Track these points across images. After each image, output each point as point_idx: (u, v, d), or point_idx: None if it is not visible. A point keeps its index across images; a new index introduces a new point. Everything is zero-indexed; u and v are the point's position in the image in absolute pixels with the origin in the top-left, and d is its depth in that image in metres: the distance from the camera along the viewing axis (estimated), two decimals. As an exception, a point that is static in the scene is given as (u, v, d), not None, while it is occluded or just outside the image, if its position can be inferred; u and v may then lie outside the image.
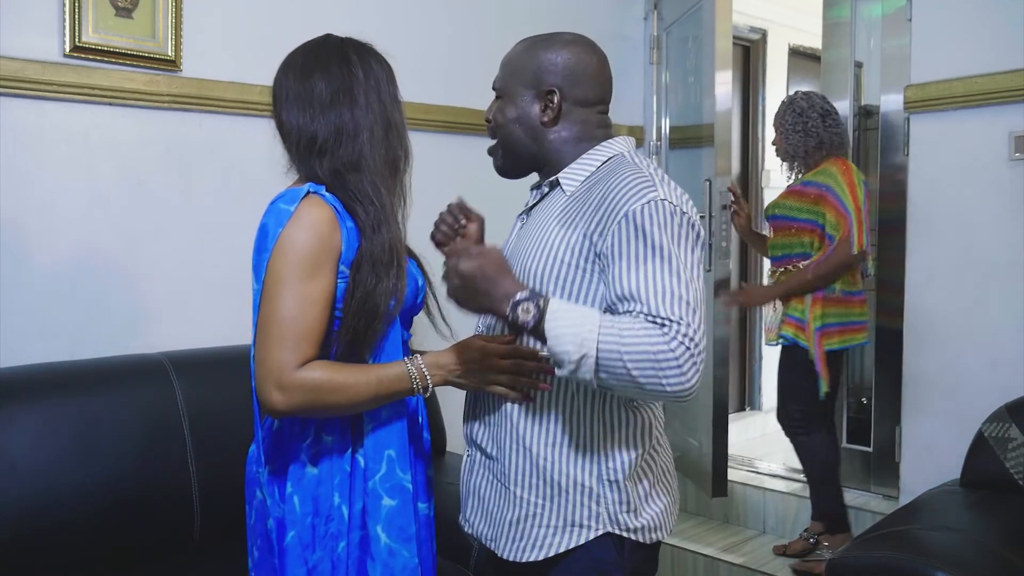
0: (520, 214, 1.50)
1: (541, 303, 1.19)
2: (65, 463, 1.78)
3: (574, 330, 1.16)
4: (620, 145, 1.41)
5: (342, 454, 1.38)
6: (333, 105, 1.38)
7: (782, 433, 3.31)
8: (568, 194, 1.36)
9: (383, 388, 1.34)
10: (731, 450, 3.74)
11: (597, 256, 1.27)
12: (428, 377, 1.35)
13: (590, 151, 1.40)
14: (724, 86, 3.30)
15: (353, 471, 1.39)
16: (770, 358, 4.59)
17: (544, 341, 1.19)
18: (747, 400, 4.63)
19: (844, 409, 3.16)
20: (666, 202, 1.24)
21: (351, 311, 1.35)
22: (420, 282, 1.51)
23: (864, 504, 2.96)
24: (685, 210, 1.27)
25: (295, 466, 1.38)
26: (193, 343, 2.19)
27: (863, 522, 2.83)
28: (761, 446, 4.12)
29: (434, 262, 1.58)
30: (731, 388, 4.55)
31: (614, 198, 1.26)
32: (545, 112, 1.39)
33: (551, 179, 1.41)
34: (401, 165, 1.44)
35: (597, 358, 1.15)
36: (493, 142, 1.47)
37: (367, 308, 1.35)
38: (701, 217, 3.13)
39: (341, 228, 1.35)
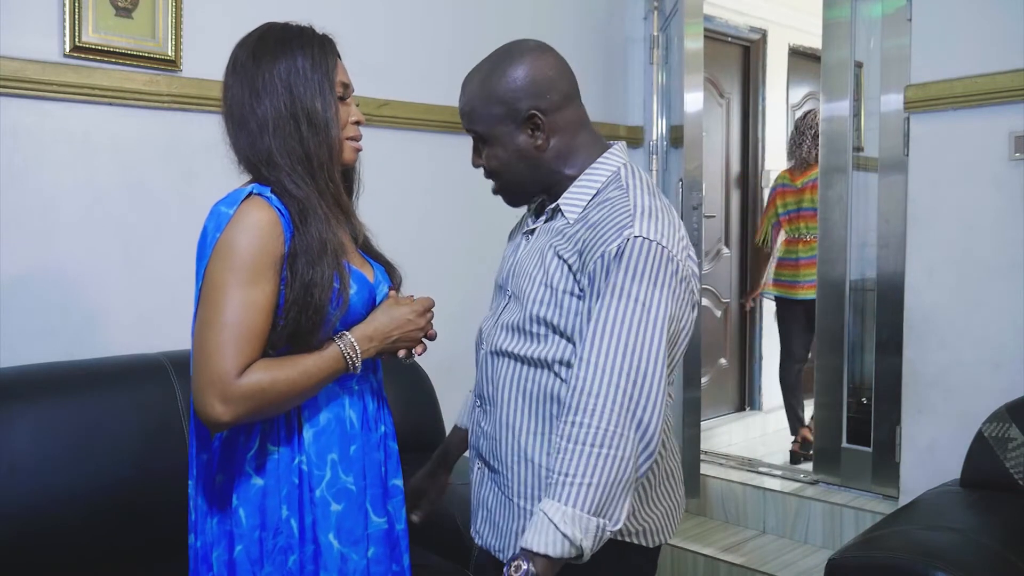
0: (524, 232, 1.46)
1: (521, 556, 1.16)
2: (65, 463, 1.78)
3: (547, 523, 1.14)
4: (617, 159, 1.37)
5: (290, 464, 1.32)
6: (240, 101, 1.33)
7: (782, 433, 3.32)
8: (569, 221, 1.33)
9: (322, 373, 1.29)
10: (731, 450, 3.75)
11: (581, 290, 1.26)
12: (359, 352, 1.32)
13: (589, 170, 1.36)
14: (693, 88, 3.34)
15: (301, 482, 1.32)
16: (770, 358, 4.60)
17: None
18: (747, 400, 4.63)
19: (844, 409, 3.16)
20: (639, 239, 1.20)
21: (290, 304, 1.27)
22: (386, 289, 1.43)
23: (864, 504, 2.96)
24: (665, 244, 1.22)
25: (240, 478, 1.32)
26: (193, 343, 2.19)
27: (863, 522, 2.83)
28: (761, 446, 4.12)
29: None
30: (731, 388, 4.55)
31: (595, 235, 1.25)
32: (535, 137, 1.34)
33: (552, 206, 1.37)
34: (316, 161, 1.32)
35: (584, 510, 1.14)
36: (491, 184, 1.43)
37: (307, 300, 1.26)
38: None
39: (284, 231, 1.28)
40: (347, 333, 1.33)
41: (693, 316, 1.30)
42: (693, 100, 3.44)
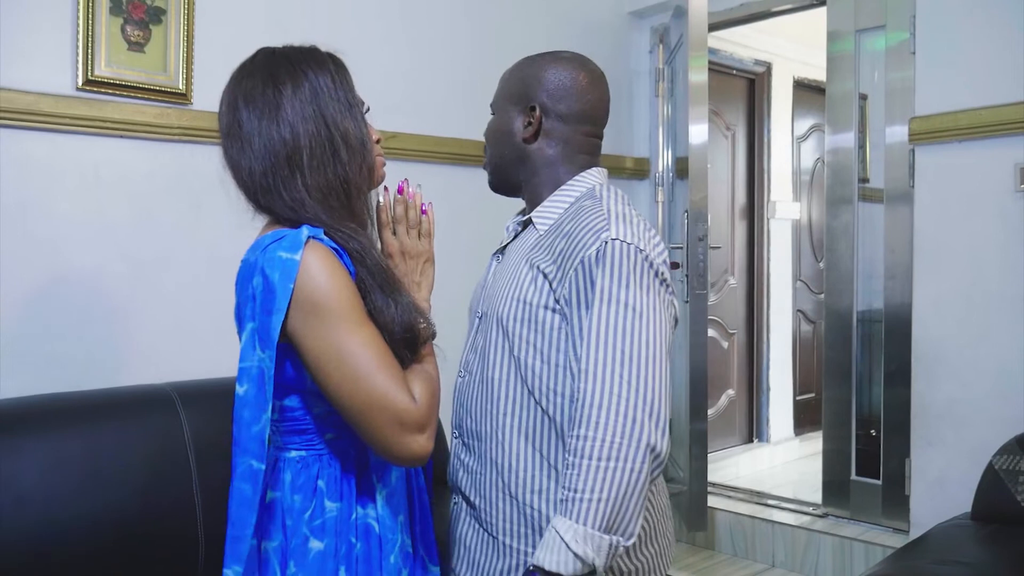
0: (495, 253, 1.46)
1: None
2: (71, 494, 1.77)
3: (558, 541, 1.12)
4: (593, 178, 1.38)
5: (347, 523, 1.24)
6: (266, 139, 1.20)
7: (790, 465, 3.28)
8: (540, 233, 1.33)
9: (432, 354, 1.28)
10: (739, 483, 3.72)
11: (557, 302, 1.25)
12: (427, 316, 1.31)
13: (565, 185, 1.36)
14: (698, 120, 3.36)
15: (368, 543, 1.24)
16: (777, 390, 4.57)
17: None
18: (755, 432, 4.60)
19: (853, 441, 3.13)
20: (617, 241, 1.20)
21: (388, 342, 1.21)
22: None
23: (874, 538, 2.92)
24: (642, 247, 1.22)
25: (297, 541, 1.21)
26: (200, 374, 2.19)
27: (873, 556, 2.80)
28: (769, 478, 4.09)
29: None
30: (738, 420, 4.53)
31: (571, 243, 1.24)
32: (526, 128, 1.38)
33: (524, 218, 1.39)
34: (355, 187, 1.23)
35: (595, 527, 1.11)
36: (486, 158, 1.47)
37: (398, 334, 1.20)
38: (676, 247, 3.19)
39: (349, 271, 1.20)
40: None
41: (674, 318, 1.29)
42: (698, 132, 3.46)
